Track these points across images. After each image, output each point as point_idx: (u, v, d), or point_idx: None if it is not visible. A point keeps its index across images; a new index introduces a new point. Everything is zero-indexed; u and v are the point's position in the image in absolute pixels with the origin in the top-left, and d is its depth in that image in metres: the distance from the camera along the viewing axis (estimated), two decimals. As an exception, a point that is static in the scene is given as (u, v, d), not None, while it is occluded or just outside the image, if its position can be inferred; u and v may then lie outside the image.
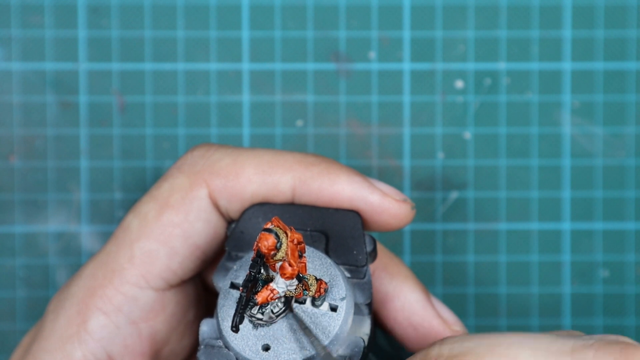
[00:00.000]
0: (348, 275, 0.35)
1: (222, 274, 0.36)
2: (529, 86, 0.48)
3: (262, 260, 0.33)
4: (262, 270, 0.33)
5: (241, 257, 0.36)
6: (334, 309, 0.34)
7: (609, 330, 0.49)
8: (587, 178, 0.49)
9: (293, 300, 0.34)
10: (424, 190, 0.48)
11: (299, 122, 0.48)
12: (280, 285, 0.33)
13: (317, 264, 0.35)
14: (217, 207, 0.38)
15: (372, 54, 0.48)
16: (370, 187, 0.37)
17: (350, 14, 0.48)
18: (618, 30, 0.48)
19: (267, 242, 0.32)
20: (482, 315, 0.49)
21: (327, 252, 0.36)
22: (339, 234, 0.36)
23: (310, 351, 0.33)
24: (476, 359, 0.30)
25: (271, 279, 0.33)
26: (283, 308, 0.34)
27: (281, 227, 0.32)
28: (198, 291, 0.40)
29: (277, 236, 0.32)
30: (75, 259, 0.48)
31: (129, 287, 0.37)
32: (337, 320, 0.34)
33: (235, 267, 0.35)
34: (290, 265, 0.32)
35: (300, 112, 0.48)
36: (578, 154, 0.49)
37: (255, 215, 0.37)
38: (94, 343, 0.37)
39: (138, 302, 0.37)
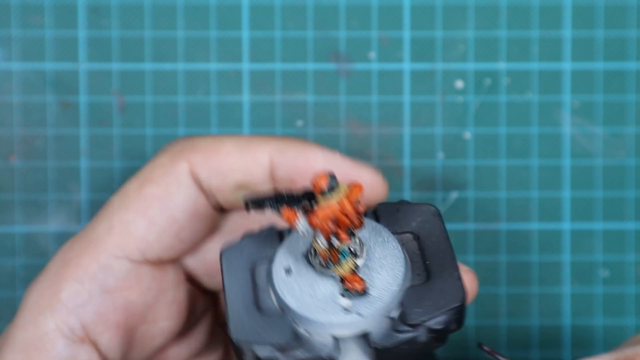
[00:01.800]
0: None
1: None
2: (529, 86, 0.48)
3: (306, 196, 0.32)
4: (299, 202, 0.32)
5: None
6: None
7: (608, 330, 0.49)
8: (587, 178, 0.49)
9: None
10: (424, 190, 0.48)
11: (299, 122, 0.48)
12: (303, 224, 0.32)
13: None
14: (198, 183, 0.38)
15: (372, 54, 0.48)
16: (342, 156, 0.38)
17: (350, 14, 0.48)
18: (618, 30, 0.48)
19: (320, 178, 0.31)
20: (482, 315, 0.49)
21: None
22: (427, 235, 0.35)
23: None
24: None
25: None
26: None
27: (343, 185, 0.32)
28: (179, 278, 0.40)
29: (334, 180, 0.31)
30: (75, 259, 0.48)
31: (104, 256, 0.37)
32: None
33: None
34: (326, 209, 0.31)
35: (300, 112, 0.48)
36: (578, 154, 0.49)
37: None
38: (67, 312, 0.37)
39: (112, 270, 0.37)
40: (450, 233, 0.48)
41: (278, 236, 0.36)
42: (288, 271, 0.34)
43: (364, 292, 0.33)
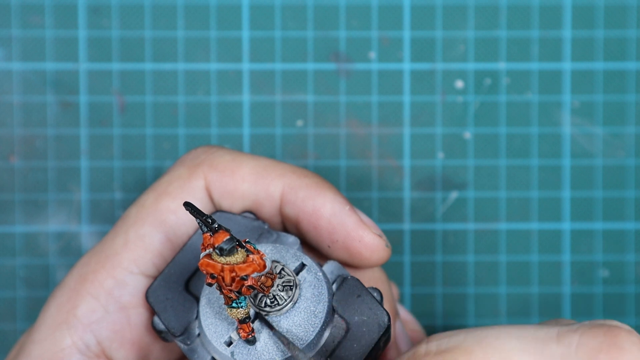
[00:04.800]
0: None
1: None
2: (529, 86, 0.48)
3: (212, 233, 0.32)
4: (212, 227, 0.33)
5: None
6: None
7: (609, 330, 0.49)
8: (587, 178, 0.49)
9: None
10: (424, 190, 0.48)
11: (299, 122, 0.48)
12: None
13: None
14: (211, 200, 0.38)
15: (372, 54, 0.48)
16: (351, 211, 0.37)
17: (350, 14, 0.48)
18: (618, 30, 0.48)
19: (220, 235, 0.31)
20: (482, 315, 0.49)
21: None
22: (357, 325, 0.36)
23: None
24: (464, 353, 0.30)
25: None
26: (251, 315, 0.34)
27: (250, 249, 0.32)
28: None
29: (230, 244, 0.31)
30: (75, 259, 0.48)
31: (119, 271, 0.37)
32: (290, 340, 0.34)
33: None
34: (206, 262, 0.31)
35: (300, 112, 0.48)
36: (578, 154, 0.49)
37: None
38: (83, 328, 0.37)
39: (128, 286, 0.37)
40: (450, 233, 0.48)
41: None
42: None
43: (250, 343, 0.34)
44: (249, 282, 0.32)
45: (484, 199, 0.49)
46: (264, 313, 0.34)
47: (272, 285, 0.34)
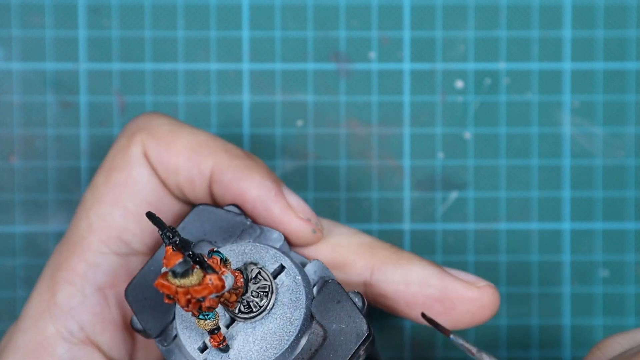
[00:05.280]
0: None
1: None
2: (529, 86, 0.48)
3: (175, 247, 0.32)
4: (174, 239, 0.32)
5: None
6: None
7: (608, 330, 0.49)
8: (587, 178, 0.49)
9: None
10: (424, 190, 0.48)
11: (299, 122, 0.48)
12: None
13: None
14: (151, 166, 0.38)
15: (372, 54, 0.48)
16: (277, 196, 0.37)
17: (350, 14, 0.48)
18: (618, 30, 0.48)
19: (173, 257, 0.30)
20: (482, 315, 0.49)
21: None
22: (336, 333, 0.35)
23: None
24: None
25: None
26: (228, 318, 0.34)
27: (209, 268, 0.31)
28: None
29: (184, 266, 0.30)
30: (76, 259, 0.48)
31: (90, 254, 0.37)
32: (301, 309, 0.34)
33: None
34: (162, 282, 0.31)
35: (300, 112, 0.48)
36: (578, 154, 0.49)
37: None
38: (64, 315, 0.37)
39: (101, 267, 0.37)
40: (450, 233, 0.48)
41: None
42: None
43: (223, 350, 0.34)
44: (207, 304, 0.31)
45: (484, 199, 0.48)
46: (237, 320, 0.34)
47: (244, 294, 0.34)
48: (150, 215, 0.32)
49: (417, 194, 0.48)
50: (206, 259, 0.32)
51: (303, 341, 0.34)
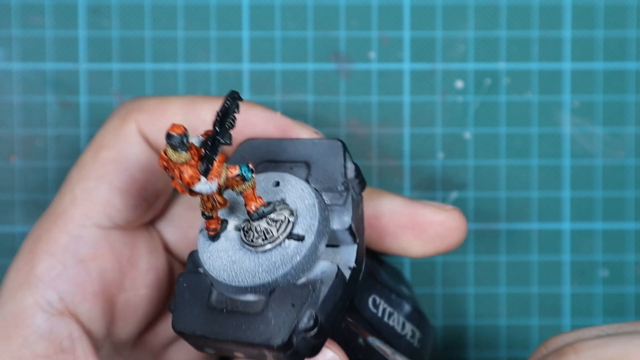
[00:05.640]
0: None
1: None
2: (529, 86, 0.48)
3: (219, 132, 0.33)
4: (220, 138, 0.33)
5: None
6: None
7: (609, 330, 0.49)
8: (587, 178, 0.49)
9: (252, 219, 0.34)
10: (424, 190, 0.48)
11: (299, 122, 0.48)
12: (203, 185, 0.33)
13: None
14: (148, 142, 0.39)
15: (372, 54, 0.48)
16: (282, 116, 0.38)
17: (350, 14, 0.48)
18: (618, 30, 0.48)
19: (176, 127, 0.31)
20: (482, 315, 0.49)
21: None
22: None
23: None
24: None
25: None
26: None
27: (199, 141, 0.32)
28: (152, 244, 0.40)
29: (183, 140, 0.31)
30: (76, 259, 0.48)
31: (72, 226, 0.38)
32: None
33: None
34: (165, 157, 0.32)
35: (300, 112, 0.48)
36: (578, 154, 0.49)
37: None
38: (43, 286, 0.37)
39: (83, 239, 0.38)
40: (450, 233, 0.48)
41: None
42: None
43: (212, 238, 0.34)
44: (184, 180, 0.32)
45: (484, 199, 0.48)
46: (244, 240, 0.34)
47: (256, 219, 0.34)
48: (233, 96, 0.33)
49: (417, 194, 0.48)
50: (215, 157, 0.32)
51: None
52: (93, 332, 0.38)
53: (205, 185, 0.32)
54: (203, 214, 0.34)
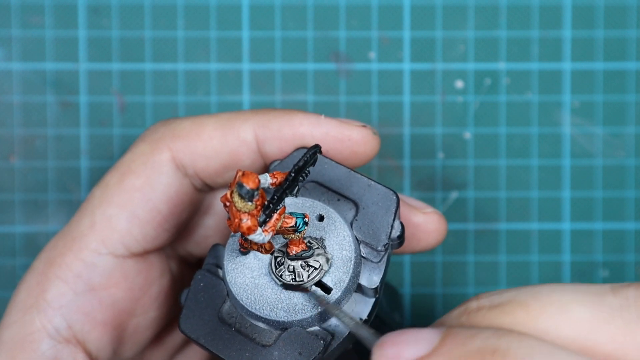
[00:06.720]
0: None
1: None
2: (529, 86, 0.48)
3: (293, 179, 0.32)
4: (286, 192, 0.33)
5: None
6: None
7: (609, 330, 0.49)
8: (587, 178, 0.49)
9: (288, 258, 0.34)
10: (424, 190, 0.48)
11: (299, 122, 0.48)
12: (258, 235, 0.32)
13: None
14: (182, 170, 0.38)
15: (372, 54, 0.48)
16: (327, 118, 0.37)
17: (350, 14, 0.48)
18: (618, 30, 0.48)
19: (247, 180, 0.31)
20: (482, 315, 0.49)
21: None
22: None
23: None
24: (520, 306, 0.29)
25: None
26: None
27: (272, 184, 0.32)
28: (164, 266, 0.39)
29: (251, 191, 0.31)
30: (75, 259, 0.48)
31: (87, 253, 0.37)
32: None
33: None
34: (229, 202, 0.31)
35: (300, 112, 0.48)
36: (578, 154, 0.49)
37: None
38: (52, 312, 0.37)
39: (97, 268, 0.37)
40: (450, 233, 0.48)
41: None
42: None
43: (242, 254, 0.34)
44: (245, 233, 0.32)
45: (484, 199, 0.48)
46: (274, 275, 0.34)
47: (295, 259, 0.34)
48: (314, 151, 0.33)
49: (417, 194, 0.48)
50: (277, 209, 0.32)
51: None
52: (99, 358, 0.38)
53: (259, 237, 0.32)
54: (241, 245, 0.34)
